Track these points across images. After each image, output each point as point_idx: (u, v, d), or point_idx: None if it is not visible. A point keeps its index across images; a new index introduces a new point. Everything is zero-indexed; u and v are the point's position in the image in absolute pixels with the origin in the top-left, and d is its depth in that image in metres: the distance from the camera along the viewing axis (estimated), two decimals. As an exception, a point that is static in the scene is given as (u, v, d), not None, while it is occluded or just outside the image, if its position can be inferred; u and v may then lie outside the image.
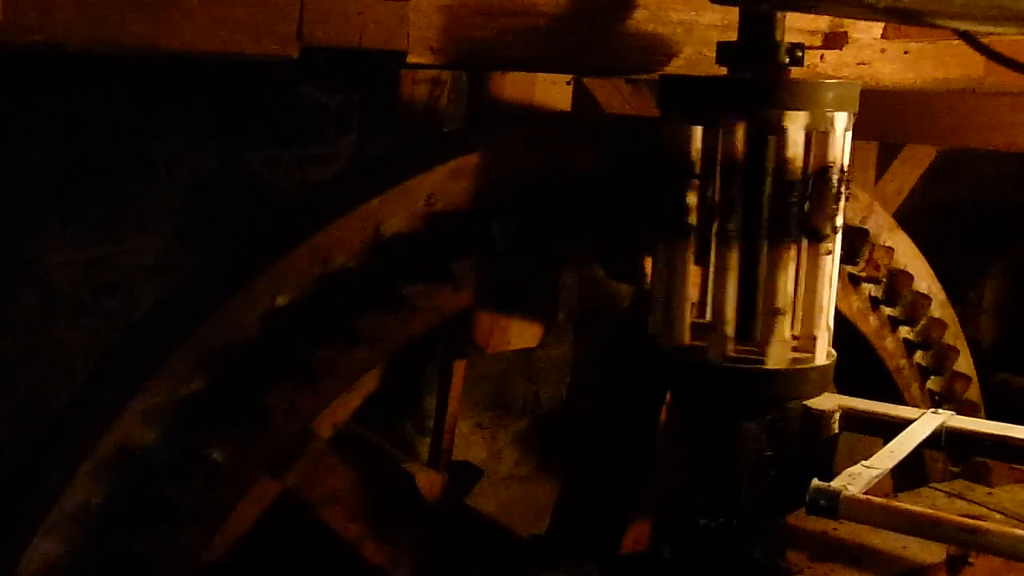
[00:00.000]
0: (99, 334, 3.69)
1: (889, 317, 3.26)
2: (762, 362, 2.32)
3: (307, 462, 2.50)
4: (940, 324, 3.35)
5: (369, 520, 2.65)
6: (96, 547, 2.28)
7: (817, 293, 2.34)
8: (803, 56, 2.39)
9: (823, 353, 2.39)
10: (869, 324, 3.22)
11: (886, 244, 3.18)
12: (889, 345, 3.27)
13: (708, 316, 2.39)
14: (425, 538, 2.74)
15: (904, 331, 3.33)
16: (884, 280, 3.17)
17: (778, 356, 2.32)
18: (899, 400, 3.25)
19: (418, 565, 2.71)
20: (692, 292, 2.39)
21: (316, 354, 2.37)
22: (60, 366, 3.63)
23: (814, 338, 2.37)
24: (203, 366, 2.35)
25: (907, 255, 3.27)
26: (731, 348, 2.32)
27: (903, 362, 3.32)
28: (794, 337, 2.38)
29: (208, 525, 2.37)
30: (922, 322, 3.32)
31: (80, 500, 2.28)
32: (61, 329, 3.68)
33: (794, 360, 2.36)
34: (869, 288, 3.19)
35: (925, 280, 3.35)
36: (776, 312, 2.31)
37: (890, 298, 3.23)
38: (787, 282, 2.30)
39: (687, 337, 2.38)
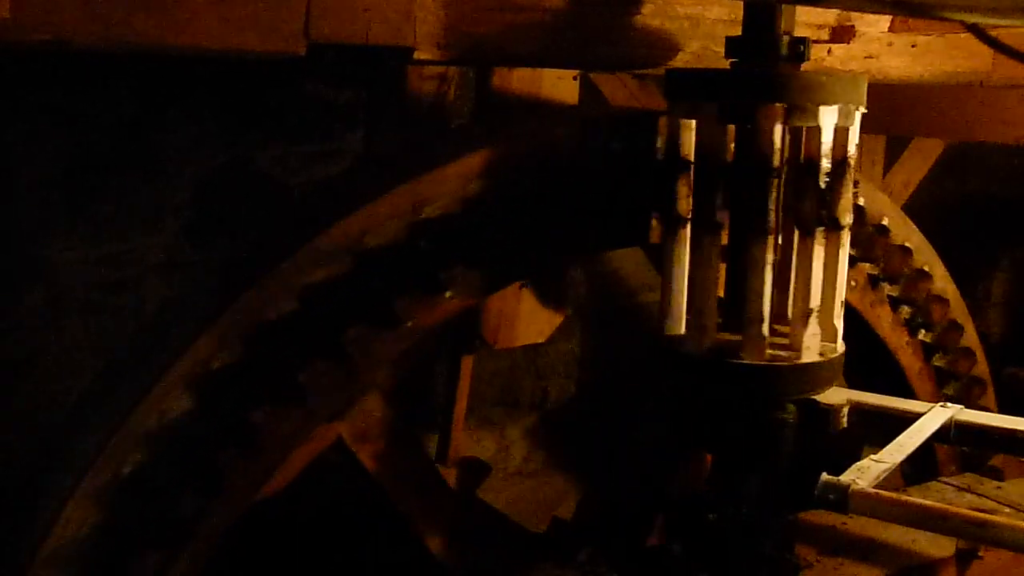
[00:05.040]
0: (108, 332, 3.69)
1: (889, 296, 3.26)
2: (772, 358, 2.32)
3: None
4: (942, 300, 3.35)
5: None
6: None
7: (828, 288, 2.34)
8: (806, 50, 2.38)
9: (833, 347, 2.39)
10: (884, 323, 3.21)
11: (895, 236, 3.17)
12: (903, 342, 3.26)
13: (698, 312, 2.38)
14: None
15: (911, 318, 3.31)
16: (881, 258, 3.17)
17: (804, 351, 2.32)
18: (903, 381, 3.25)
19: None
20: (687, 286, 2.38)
21: (399, 296, 2.39)
22: (69, 364, 3.64)
23: (827, 333, 2.37)
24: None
25: (917, 246, 3.26)
26: (766, 346, 2.31)
27: (906, 338, 3.32)
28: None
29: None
30: (923, 299, 3.32)
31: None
32: (70, 327, 3.69)
33: (792, 356, 2.36)
34: (877, 278, 3.18)
35: (937, 270, 3.33)
36: (803, 308, 2.31)
37: (901, 291, 3.22)
38: (811, 277, 2.30)
39: (691, 332, 2.38)
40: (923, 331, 3.30)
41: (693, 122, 2.31)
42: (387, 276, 2.40)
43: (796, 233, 2.32)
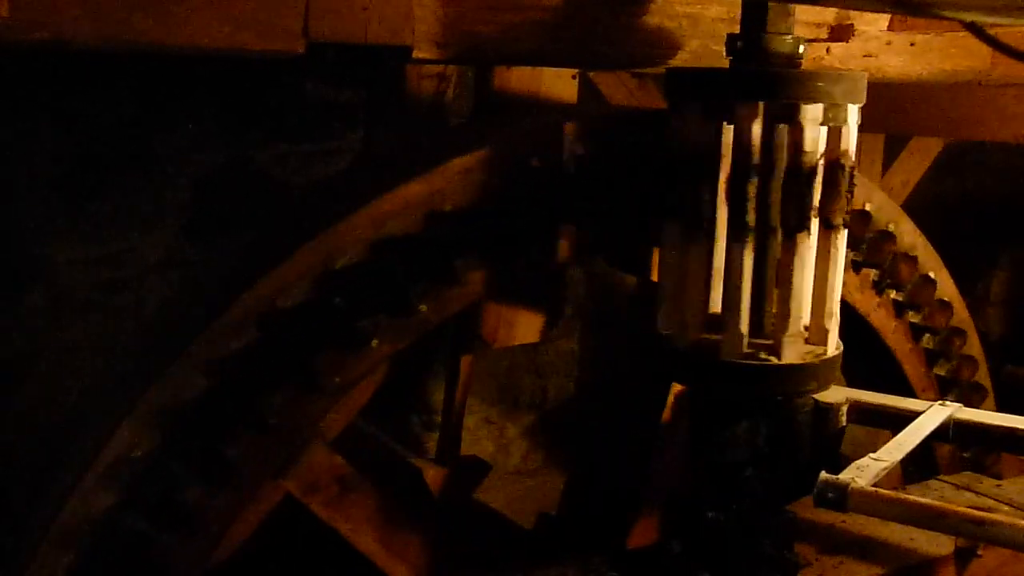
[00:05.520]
0: (108, 332, 3.69)
1: (910, 321, 3.24)
2: (771, 357, 2.32)
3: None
4: (946, 304, 3.32)
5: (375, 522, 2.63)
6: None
7: (826, 286, 2.34)
8: (803, 53, 2.39)
9: (832, 346, 2.39)
10: (850, 288, 3.18)
11: (892, 231, 3.15)
12: (873, 305, 3.21)
13: (718, 311, 2.38)
14: (429, 535, 2.71)
15: (879, 279, 3.27)
16: (881, 260, 3.14)
17: (790, 351, 2.32)
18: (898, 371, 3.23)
19: (421, 563, 2.69)
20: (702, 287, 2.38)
21: (321, 354, 2.34)
22: (69, 364, 3.64)
23: (824, 332, 2.37)
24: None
25: (915, 243, 3.22)
26: (743, 344, 2.31)
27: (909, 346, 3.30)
28: (805, 328, 2.37)
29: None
30: (946, 337, 3.30)
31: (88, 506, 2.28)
32: (70, 327, 3.69)
33: (803, 354, 2.36)
34: (872, 273, 3.15)
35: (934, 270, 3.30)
36: (788, 307, 2.31)
37: (866, 254, 3.19)
38: (801, 276, 2.30)
39: (697, 332, 2.38)
40: (894, 291, 3.23)
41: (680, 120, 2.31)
42: (305, 336, 2.35)
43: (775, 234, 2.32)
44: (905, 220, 3.18)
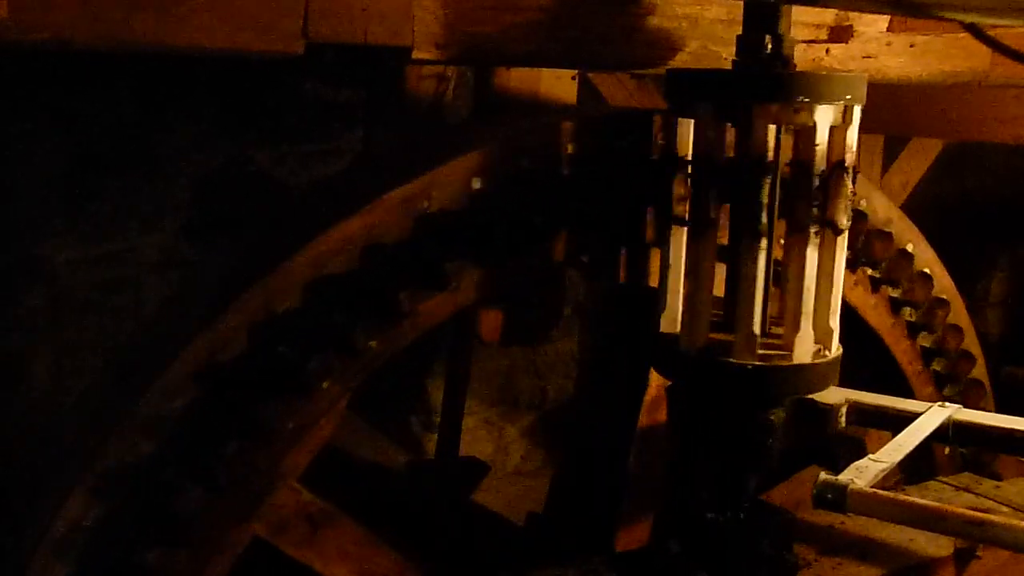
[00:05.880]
0: (107, 331, 3.70)
1: (889, 296, 3.22)
2: (771, 358, 2.31)
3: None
4: (943, 303, 3.31)
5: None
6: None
7: (825, 288, 2.34)
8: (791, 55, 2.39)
9: (831, 348, 2.38)
10: (883, 321, 3.18)
11: (890, 230, 3.14)
12: (869, 304, 3.20)
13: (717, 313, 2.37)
14: (412, 556, 2.67)
15: (921, 336, 3.29)
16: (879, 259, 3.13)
17: (795, 352, 2.32)
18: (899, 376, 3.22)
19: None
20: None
21: (273, 401, 2.31)
22: (68, 364, 3.65)
23: (823, 333, 2.37)
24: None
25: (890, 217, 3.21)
26: (811, 345, 2.30)
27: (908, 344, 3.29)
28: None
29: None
30: (928, 308, 3.29)
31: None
32: (69, 327, 3.70)
33: (836, 349, 2.35)
34: (870, 272, 3.15)
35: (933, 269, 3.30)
36: (791, 308, 2.30)
37: (875, 264, 3.18)
38: (798, 278, 2.30)
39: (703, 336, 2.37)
40: (870, 268, 3.17)
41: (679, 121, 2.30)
42: (255, 385, 2.31)
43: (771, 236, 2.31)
44: (878, 195, 3.14)
